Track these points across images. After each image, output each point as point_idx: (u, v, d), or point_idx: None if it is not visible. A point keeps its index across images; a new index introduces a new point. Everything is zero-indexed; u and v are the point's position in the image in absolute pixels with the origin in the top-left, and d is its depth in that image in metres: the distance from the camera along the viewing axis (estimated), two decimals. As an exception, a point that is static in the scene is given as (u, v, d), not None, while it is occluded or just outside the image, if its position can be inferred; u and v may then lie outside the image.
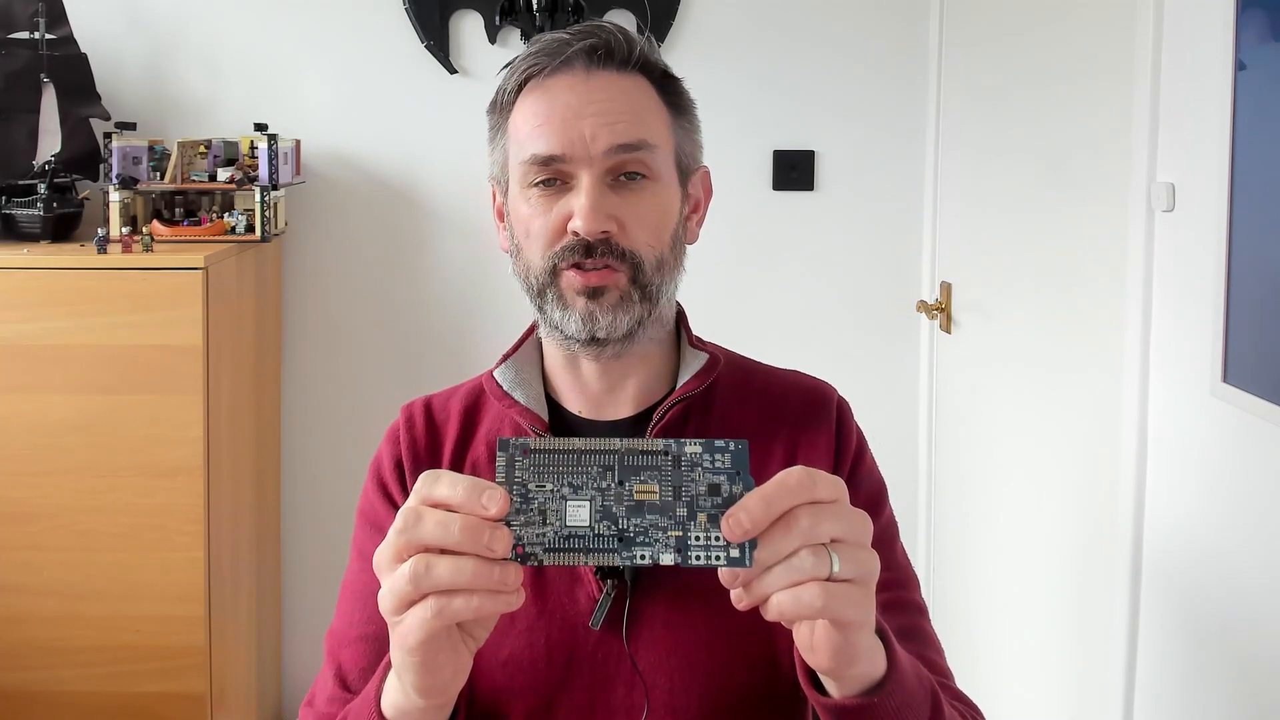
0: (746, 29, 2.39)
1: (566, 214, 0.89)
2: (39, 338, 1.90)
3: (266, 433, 2.33)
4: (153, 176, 2.14)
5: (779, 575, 0.62)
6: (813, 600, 0.62)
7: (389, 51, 2.39)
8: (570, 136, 0.88)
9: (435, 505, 0.64)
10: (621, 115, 0.89)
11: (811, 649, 0.67)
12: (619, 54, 0.91)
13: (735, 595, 0.65)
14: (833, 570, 0.62)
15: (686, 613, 0.90)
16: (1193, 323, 1.30)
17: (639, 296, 0.90)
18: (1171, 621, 1.38)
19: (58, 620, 1.93)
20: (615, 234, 0.88)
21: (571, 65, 0.90)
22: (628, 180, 0.90)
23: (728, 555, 0.61)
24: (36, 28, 2.16)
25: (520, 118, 0.92)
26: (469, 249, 2.42)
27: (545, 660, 0.89)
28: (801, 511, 0.62)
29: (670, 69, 0.95)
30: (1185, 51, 1.33)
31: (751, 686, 0.91)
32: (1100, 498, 1.55)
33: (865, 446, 1.02)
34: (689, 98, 0.97)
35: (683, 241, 0.96)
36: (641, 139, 0.89)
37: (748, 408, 0.98)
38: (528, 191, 0.91)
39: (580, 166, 0.88)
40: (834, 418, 0.99)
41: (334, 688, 0.92)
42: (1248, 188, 1.17)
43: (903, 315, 2.44)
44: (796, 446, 0.97)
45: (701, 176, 1.00)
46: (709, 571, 0.64)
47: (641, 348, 0.94)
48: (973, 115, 2.15)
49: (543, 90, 0.91)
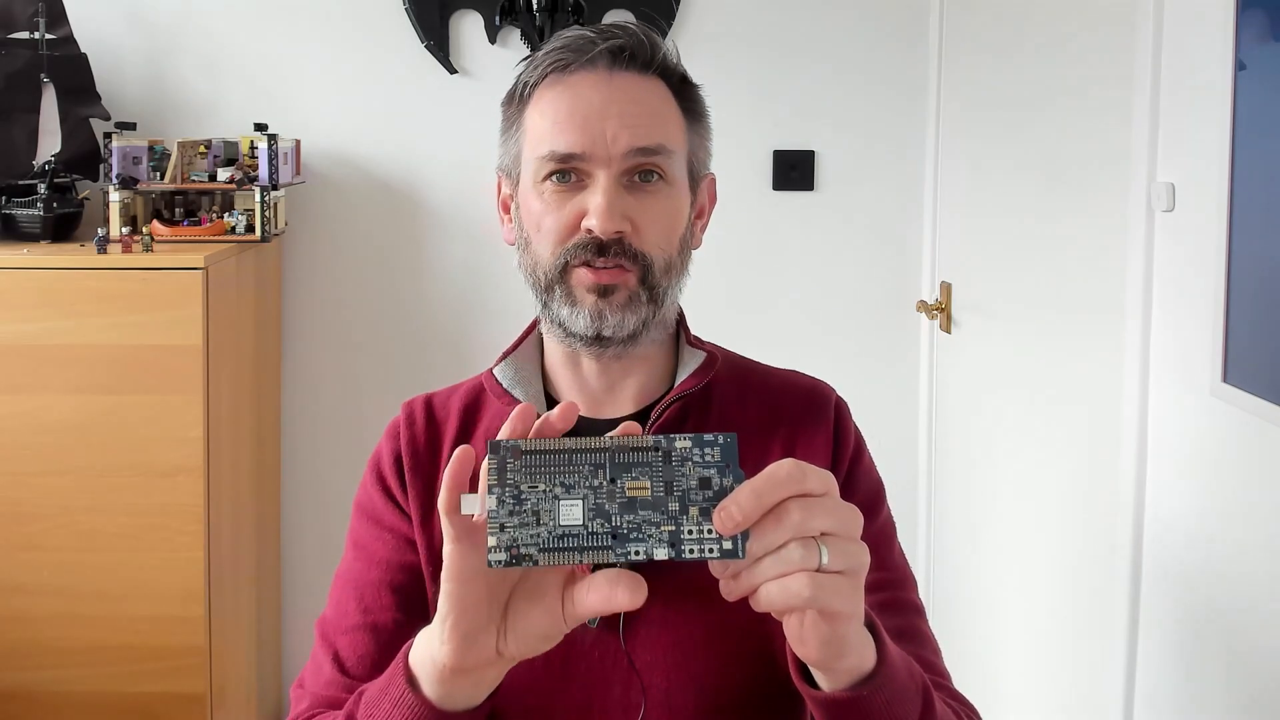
0: (746, 29, 2.39)
1: (580, 211, 0.89)
2: (39, 338, 1.90)
3: (266, 433, 2.33)
4: (153, 176, 2.14)
5: (768, 566, 0.63)
6: (800, 591, 0.62)
7: (389, 51, 2.39)
8: (591, 135, 0.88)
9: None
10: (642, 118, 0.90)
11: (800, 640, 0.67)
12: (642, 57, 0.92)
13: (724, 586, 0.65)
14: (821, 562, 0.62)
15: (683, 612, 0.90)
16: (1193, 323, 1.30)
17: (647, 298, 0.91)
18: (1171, 620, 1.38)
19: (58, 620, 1.93)
20: (628, 234, 0.89)
21: (595, 64, 0.91)
22: (642, 182, 0.90)
23: (720, 548, 0.62)
24: (36, 28, 2.16)
25: (539, 112, 0.92)
26: (469, 249, 2.42)
27: (542, 660, 0.89)
28: (792, 504, 0.62)
29: (689, 75, 0.96)
30: (1185, 51, 1.33)
31: (748, 686, 0.91)
32: (1100, 497, 1.55)
33: (863, 446, 1.02)
34: (704, 105, 0.98)
35: (689, 246, 0.97)
36: (660, 143, 0.90)
37: (746, 405, 0.99)
38: (541, 186, 0.91)
39: (598, 165, 0.89)
40: (832, 417, 0.99)
41: (332, 671, 0.91)
42: (1248, 188, 1.17)
43: (903, 315, 2.44)
44: (794, 446, 0.97)
45: (709, 183, 1.01)
46: (705, 571, 0.64)
47: (642, 348, 0.94)
48: (973, 116, 2.15)
49: (564, 86, 0.91)
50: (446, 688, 0.72)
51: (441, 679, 0.71)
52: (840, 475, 0.98)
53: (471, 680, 0.72)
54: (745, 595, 0.64)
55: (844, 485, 0.98)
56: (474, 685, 0.72)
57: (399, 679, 0.74)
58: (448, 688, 0.72)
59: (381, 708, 0.74)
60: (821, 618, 0.65)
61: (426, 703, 0.72)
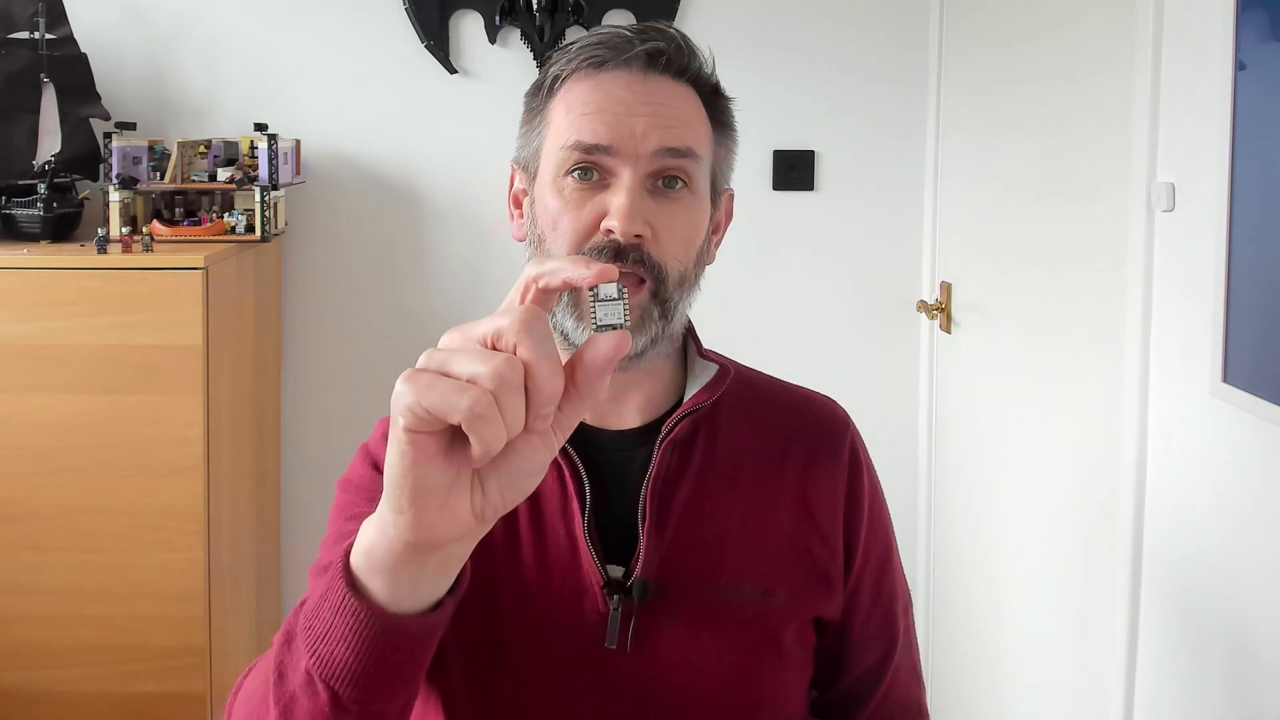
0: (746, 28, 2.39)
1: (600, 212, 0.87)
2: (39, 338, 1.90)
3: (266, 433, 2.33)
4: (153, 176, 2.14)
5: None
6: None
7: (389, 51, 2.39)
8: (620, 130, 0.86)
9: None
10: (674, 120, 0.88)
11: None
12: (677, 62, 0.90)
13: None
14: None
15: (693, 630, 0.90)
16: (1193, 323, 1.30)
17: (659, 313, 0.88)
18: (1171, 620, 1.38)
19: (58, 620, 1.93)
20: (647, 241, 0.86)
21: (630, 65, 0.89)
22: (666, 188, 0.88)
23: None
24: (36, 28, 2.16)
25: (566, 105, 0.90)
26: (469, 249, 2.42)
27: (550, 676, 0.89)
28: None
29: (721, 86, 0.95)
30: (1185, 51, 1.33)
31: (757, 706, 0.91)
32: (1100, 497, 1.55)
33: (878, 488, 1.02)
34: (733, 117, 0.96)
35: (704, 260, 0.94)
36: (689, 146, 0.88)
37: (756, 423, 0.98)
38: (562, 181, 0.88)
39: (624, 163, 0.86)
40: (846, 451, 0.99)
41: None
42: (1248, 188, 1.17)
43: (903, 315, 2.44)
44: (808, 478, 0.97)
45: (727, 198, 0.99)
46: (715, 592, 0.62)
47: (648, 361, 0.92)
48: (972, 115, 2.15)
49: (595, 82, 0.89)
50: (406, 574, 0.62)
51: (398, 563, 0.62)
52: (857, 517, 0.98)
53: (437, 560, 0.63)
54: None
55: (857, 530, 0.98)
56: (439, 568, 0.63)
57: (338, 581, 0.64)
58: (407, 573, 0.62)
59: (321, 617, 0.65)
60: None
61: (372, 607, 0.63)
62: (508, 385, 0.54)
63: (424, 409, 0.55)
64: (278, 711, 0.68)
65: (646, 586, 0.88)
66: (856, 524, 0.98)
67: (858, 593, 0.99)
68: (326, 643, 0.65)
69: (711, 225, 0.96)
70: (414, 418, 0.56)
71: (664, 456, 0.91)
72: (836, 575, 0.96)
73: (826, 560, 0.95)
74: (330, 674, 0.65)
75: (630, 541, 0.90)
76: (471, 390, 0.54)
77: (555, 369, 0.56)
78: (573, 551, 0.89)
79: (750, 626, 0.91)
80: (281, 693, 0.68)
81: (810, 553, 0.95)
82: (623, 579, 0.89)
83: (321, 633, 0.65)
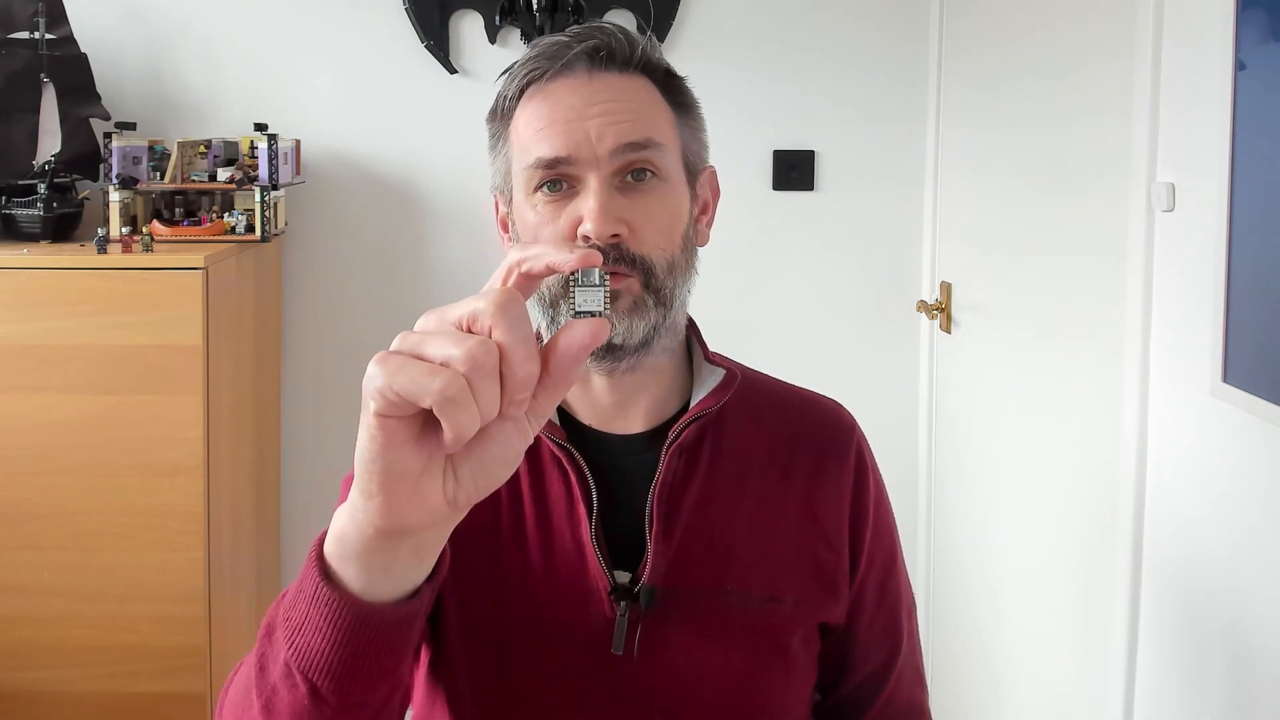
0: (747, 29, 2.39)
1: (575, 219, 0.86)
2: (39, 338, 1.90)
3: (266, 433, 2.33)
4: (153, 176, 2.14)
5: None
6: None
7: (389, 51, 2.39)
8: (575, 138, 0.85)
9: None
10: (626, 115, 0.87)
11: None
12: (620, 55, 0.89)
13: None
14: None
15: (700, 636, 0.90)
16: (1193, 323, 1.30)
17: (654, 301, 0.87)
18: (1171, 621, 1.38)
19: (58, 620, 1.93)
20: (625, 238, 0.85)
21: (573, 68, 0.88)
22: (635, 181, 0.87)
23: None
24: (36, 28, 2.16)
25: (522, 123, 0.89)
26: (469, 249, 2.42)
27: (555, 681, 0.89)
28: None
29: (673, 68, 0.93)
30: (1185, 51, 1.33)
31: (763, 712, 0.91)
32: (1100, 497, 1.55)
33: (884, 495, 1.02)
34: (693, 96, 0.95)
35: (694, 243, 0.93)
36: (648, 137, 0.87)
37: (762, 427, 0.97)
38: (533, 198, 0.88)
39: (587, 169, 0.86)
40: (853, 458, 0.99)
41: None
42: (1248, 188, 1.17)
43: (903, 315, 2.44)
44: (815, 483, 0.96)
45: (709, 176, 0.98)
46: (721, 599, 0.61)
47: (654, 359, 0.91)
48: (972, 115, 2.15)
49: (544, 94, 0.88)
50: (378, 560, 0.61)
51: (369, 550, 0.61)
52: (863, 522, 0.98)
53: (409, 547, 0.62)
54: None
55: (863, 535, 0.98)
56: (413, 555, 0.63)
57: (311, 570, 0.64)
58: (379, 560, 0.61)
59: (297, 609, 0.65)
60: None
61: (345, 595, 0.63)
62: (481, 369, 0.53)
63: (395, 392, 0.54)
64: (260, 705, 0.68)
65: (654, 593, 0.88)
66: (862, 529, 0.97)
67: (862, 597, 0.99)
68: (303, 634, 0.65)
69: (698, 206, 0.95)
70: (385, 401, 0.55)
71: (671, 462, 0.91)
72: (842, 580, 0.96)
73: (832, 566, 0.95)
74: (307, 665, 0.65)
75: (636, 546, 0.90)
76: (444, 373, 0.53)
77: (531, 353, 0.55)
78: (579, 556, 0.89)
79: (757, 632, 0.91)
80: (264, 686, 0.68)
81: (816, 558, 0.95)
82: (629, 585, 0.89)
83: (298, 624, 0.65)
